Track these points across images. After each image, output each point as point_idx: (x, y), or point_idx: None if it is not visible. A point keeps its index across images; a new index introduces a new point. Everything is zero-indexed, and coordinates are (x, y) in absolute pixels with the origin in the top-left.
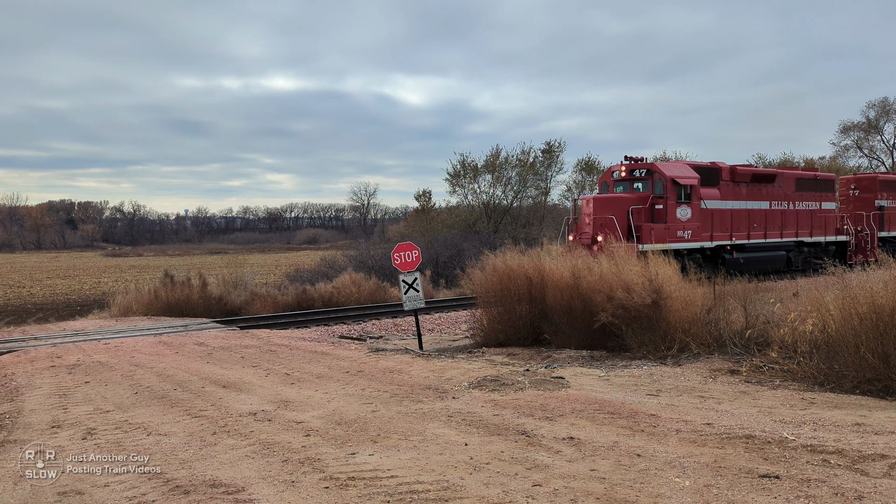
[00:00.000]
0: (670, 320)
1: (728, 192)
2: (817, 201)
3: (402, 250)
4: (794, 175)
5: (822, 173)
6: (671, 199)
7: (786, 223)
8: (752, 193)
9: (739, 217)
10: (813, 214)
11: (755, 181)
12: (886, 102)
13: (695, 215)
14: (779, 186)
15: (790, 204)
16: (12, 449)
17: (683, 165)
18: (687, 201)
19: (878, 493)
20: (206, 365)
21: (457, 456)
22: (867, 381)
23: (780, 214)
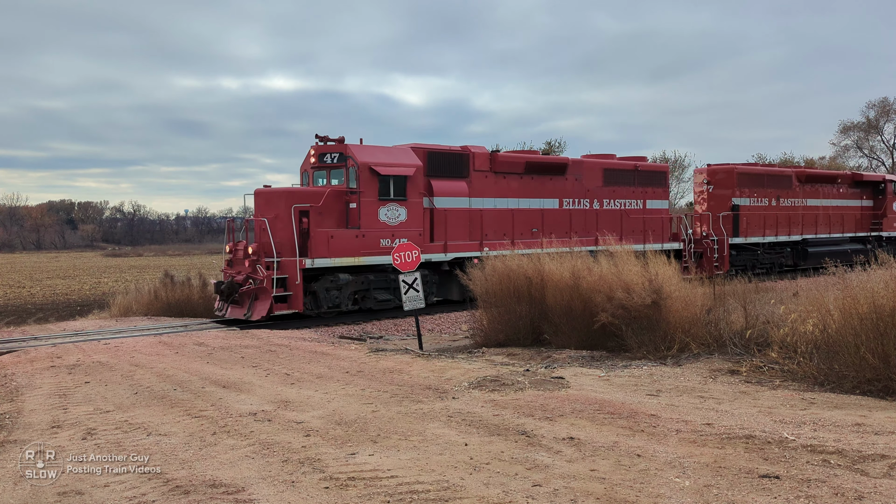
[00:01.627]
0: (670, 320)
1: (484, 186)
2: (638, 199)
3: (402, 250)
4: (600, 165)
5: (645, 164)
6: (368, 194)
7: (584, 227)
8: (529, 189)
9: (500, 220)
10: (625, 216)
11: (533, 172)
12: (886, 102)
13: (413, 218)
14: (574, 179)
15: (593, 203)
16: (12, 449)
17: (402, 150)
18: (399, 198)
19: (878, 493)
20: (206, 365)
21: (457, 456)
22: (867, 382)
23: (571, 216)
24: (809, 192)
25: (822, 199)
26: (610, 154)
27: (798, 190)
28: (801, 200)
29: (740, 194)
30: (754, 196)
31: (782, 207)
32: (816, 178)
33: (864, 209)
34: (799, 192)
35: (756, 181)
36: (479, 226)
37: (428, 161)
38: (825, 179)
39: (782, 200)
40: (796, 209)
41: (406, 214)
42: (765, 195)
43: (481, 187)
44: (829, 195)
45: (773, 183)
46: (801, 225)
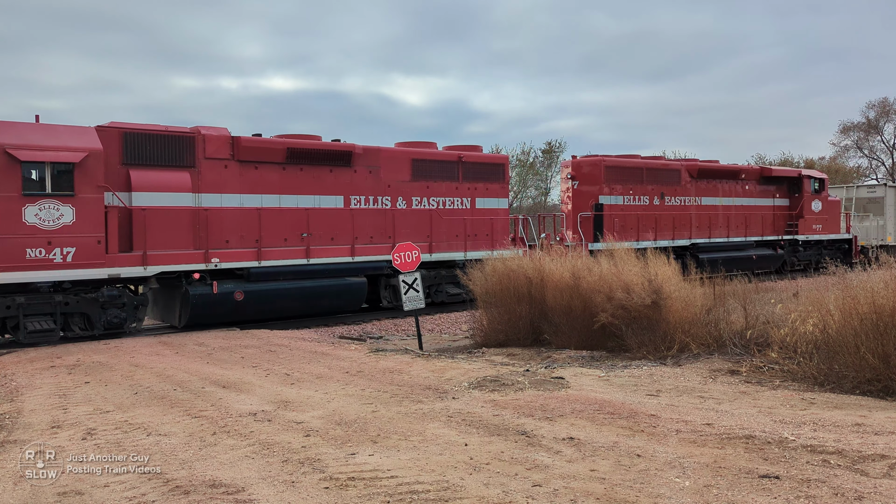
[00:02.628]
0: (670, 320)
1: (222, 178)
2: (464, 197)
3: (401, 250)
4: (407, 155)
5: (473, 154)
6: (6, 188)
7: (379, 230)
8: (296, 183)
9: (246, 222)
10: (438, 217)
11: (301, 162)
12: (886, 102)
13: (87, 219)
14: (367, 172)
15: (397, 201)
16: (12, 449)
17: (75, 130)
18: (60, 193)
19: (878, 493)
20: (206, 365)
21: (457, 456)
22: (867, 382)
23: (354, 217)
24: (705, 189)
25: (721, 198)
26: (430, 142)
27: (689, 186)
28: (694, 199)
29: (610, 191)
30: (629, 193)
31: (668, 207)
32: (714, 173)
33: (778, 209)
34: (691, 188)
35: (631, 176)
36: (211, 229)
37: (125, 144)
38: (726, 175)
39: (668, 199)
40: (687, 209)
41: (74, 215)
42: (643, 192)
43: (217, 180)
44: (731, 193)
45: (655, 178)
46: (692, 227)
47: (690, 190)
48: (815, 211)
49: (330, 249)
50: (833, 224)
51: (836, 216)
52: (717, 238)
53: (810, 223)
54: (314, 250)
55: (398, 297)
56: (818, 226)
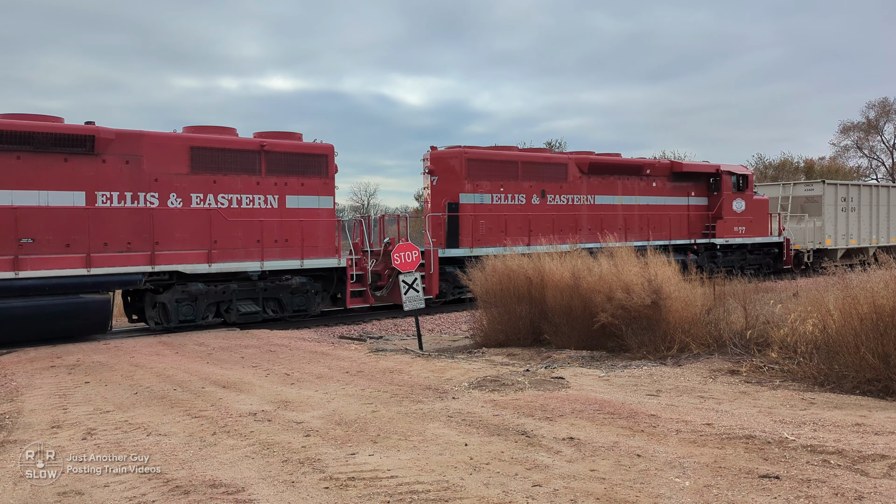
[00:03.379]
0: (670, 321)
1: None
2: (268, 194)
3: (402, 251)
4: (184, 142)
5: (281, 142)
6: None
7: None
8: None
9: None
10: (219, 217)
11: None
12: (886, 102)
13: None
14: (123, 163)
15: (168, 198)
16: (12, 449)
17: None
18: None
19: (878, 493)
20: (206, 365)
21: (457, 456)
22: (867, 382)
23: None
24: (600, 187)
25: (621, 196)
26: (227, 128)
27: (580, 183)
28: (586, 197)
29: (474, 188)
30: (499, 191)
31: (551, 207)
32: (611, 168)
33: (695, 209)
34: (581, 185)
35: (502, 171)
36: None
37: None
38: (626, 170)
39: (552, 197)
40: (576, 209)
41: None
42: (519, 190)
43: None
44: (634, 190)
45: (535, 173)
46: (581, 230)
47: (581, 187)
48: (736, 211)
49: (58, 260)
50: (759, 226)
51: (762, 217)
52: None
53: (731, 225)
54: (31, 261)
55: (168, 317)
56: (741, 228)
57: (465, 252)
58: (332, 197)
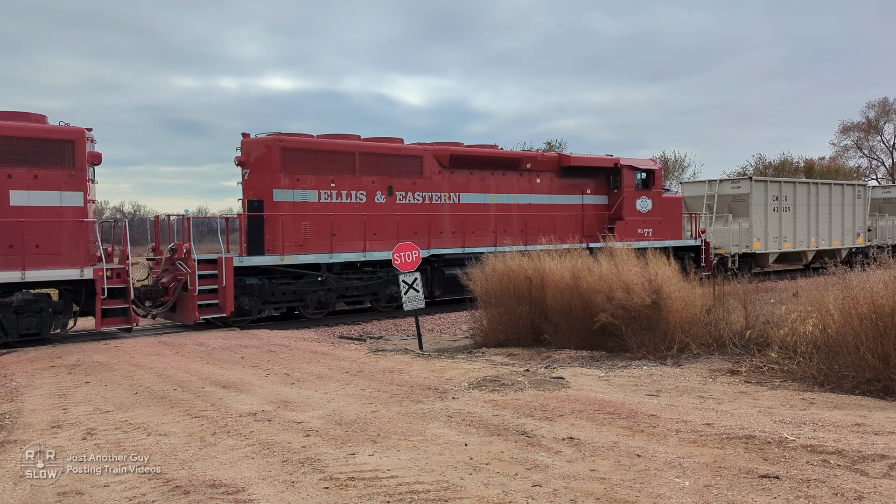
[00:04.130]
0: (670, 320)
1: None
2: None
3: (402, 250)
4: None
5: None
6: None
7: None
8: None
9: None
10: None
11: None
12: (886, 102)
13: None
14: None
15: None
16: (12, 449)
17: None
18: None
19: (878, 493)
20: (206, 365)
21: (457, 456)
22: (867, 382)
23: None
24: (466, 183)
25: (495, 194)
26: None
27: (439, 179)
28: (449, 196)
29: (293, 183)
30: (329, 187)
31: (400, 206)
32: (480, 162)
33: (591, 209)
34: (442, 181)
35: (332, 163)
36: None
37: None
38: (500, 164)
39: (402, 195)
40: (434, 208)
41: None
42: (357, 186)
43: None
44: (512, 188)
45: (378, 167)
46: (438, 233)
47: (441, 183)
48: (641, 211)
49: None
50: (671, 227)
51: (674, 218)
52: (478, 247)
53: (633, 226)
54: None
55: None
56: (647, 230)
57: (273, 260)
58: (82, 192)
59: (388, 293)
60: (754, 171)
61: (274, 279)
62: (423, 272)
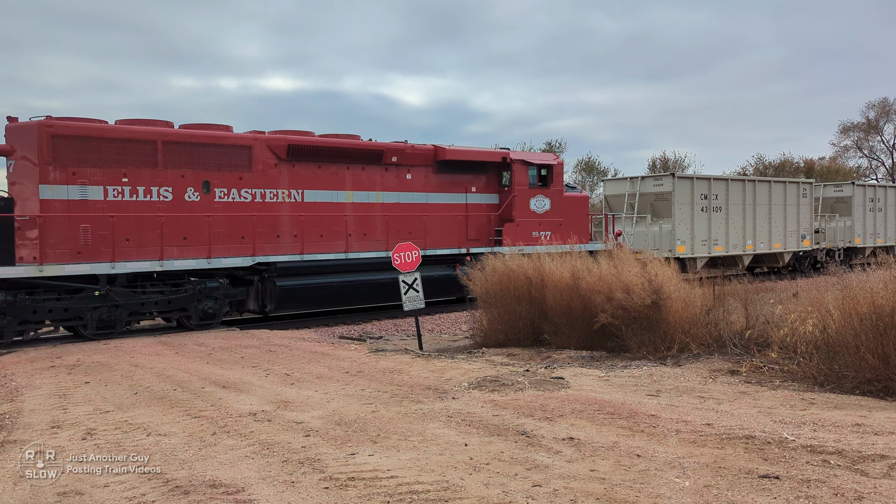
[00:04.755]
0: (670, 321)
1: None
2: None
3: (402, 251)
4: None
5: None
6: None
7: None
8: None
9: None
10: None
11: None
12: (886, 102)
13: None
14: None
15: None
16: (12, 449)
17: None
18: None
19: (878, 493)
20: (206, 365)
21: (457, 456)
22: (867, 382)
23: None
24: (312, 178)
25: (352, 192)
26: None
27: (276, 173)
28: (288, 193)
29: (68, 178)
30: (121, 182)
31: (221, 205)
32: (329, 154)
33: (477, 209)
34: (280, 176)
35: (125, 153)
36: None
37: None
38: (356, 156)
39: (224, 193)
40: (270, 208)
41: None
42: (159, 181)
43: None
44: (374, 184)
45: (187, 158)
46: (277, 236)
47: (277, 179)
48: (536, 211)
49: None
50: (575, 230)
51: (579, 219)
52: (323, 253)
53: (527, 229)
54: None
55: None
56: (544, 233)
57: (27, 272)
58: None
59: (202, 309)
60: (754, 171)
61: (38, 294)
62: (248, 283)
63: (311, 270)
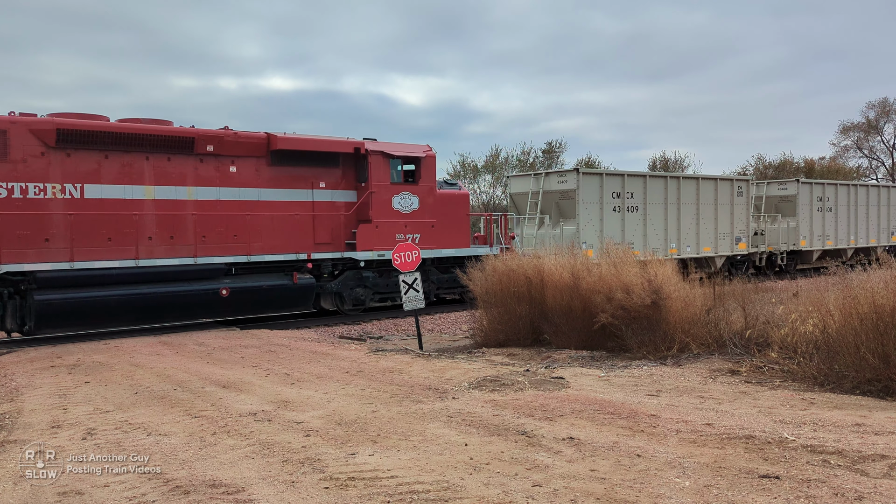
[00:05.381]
0: (670, 321)
1: None
2: None
3: (401, 250)
4: None
5: None
6: None
7: None
8: None
9: None
10: None
11: None
12: (886, 103)
13: None
14: None
15: None
16: (12, 449)
17: None
18: None
19: (878, 493)
20: (206, 365)
21: (457, 456)
22: (867, 382)
23: None
24: (92, 171)
25: (156, 187)
26: None
27: (40, 164)
28: (61, 187)
29: None
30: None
31: None
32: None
33: (328, 207)
34: (44, 167)
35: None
36: None
37: None
38: (158, 144)
39: None
40: (33, 206)
41: None
42: None
43: None
44: (184, 178)
45: None
46: (47, 240)
47: (45, 170)
48: (401, 211)
49: None
50: (451, 233)
51: (457, 221)
52: (106, 260)
53: (388, 231)
54: None
55: None
56: (412, 235)
57: None
58: None
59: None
60: (754, 171)
61: None
62: None
63: (87, 281)
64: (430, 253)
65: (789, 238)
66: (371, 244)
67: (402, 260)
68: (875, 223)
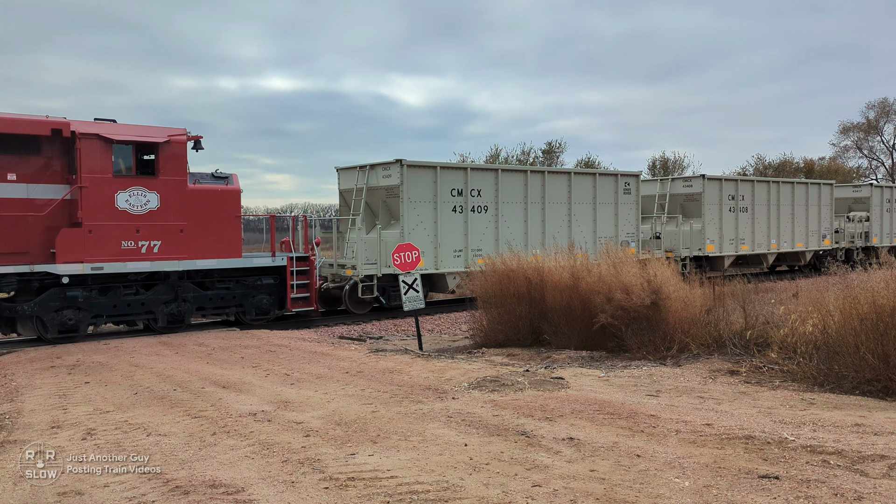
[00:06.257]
0: (670, 321)
1: None
2: None
3: (401, 251)
4: None
5: None
6: None
7: None
8: None
9: None
10: None
11: None
12: (886, 103)
13: None
14: None
15: None
16: (12, 449)
17: None
18: None
19: (878, 493)
20: (206, 365)
21: (456, 456)
22: (867, 382)
23: None
24: None
25: None
26: None
27: None
28: None
29: None
30: None
31: None
32: None
33: (17, 207)
34: None
35: None
36: None
37: None
38: None
39: None
40: None
41: None
42: None
43: None
44: None
45: None
46: None
47: None
48: (130, 212)
49: None
50: (211, 239)
51: (222, 223)
52: None
53: (112, 238)
54: None
55: None
56: (149, 242)
57: None
58: None
59: None
60: (754, 171)
61: None
62: None
63: None
64: (175, 265)
65: (693, 242)
66: (80, 254)
67: (402, 260)
68: (803, 225)
